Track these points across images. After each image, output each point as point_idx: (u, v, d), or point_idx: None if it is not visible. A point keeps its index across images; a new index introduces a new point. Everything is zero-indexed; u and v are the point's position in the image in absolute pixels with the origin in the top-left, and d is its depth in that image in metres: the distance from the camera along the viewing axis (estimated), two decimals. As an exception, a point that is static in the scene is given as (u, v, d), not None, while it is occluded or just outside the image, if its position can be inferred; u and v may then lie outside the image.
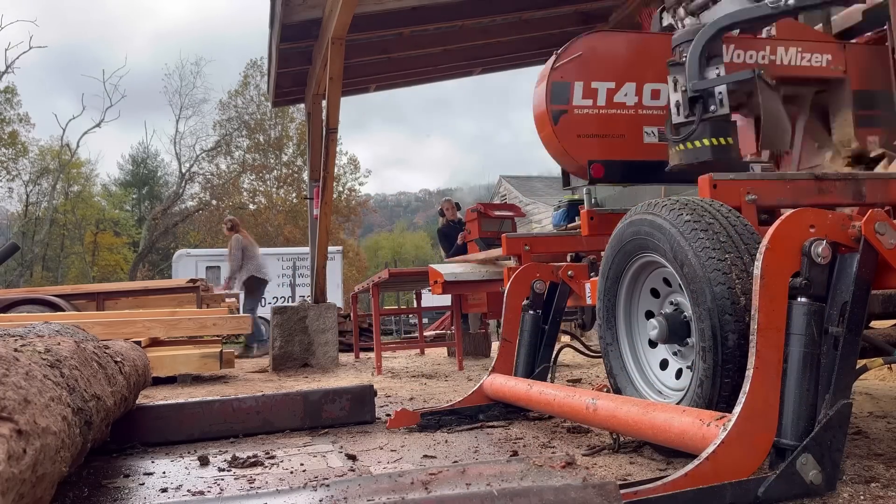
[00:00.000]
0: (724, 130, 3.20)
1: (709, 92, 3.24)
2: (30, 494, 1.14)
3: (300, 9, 6.57)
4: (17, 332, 2.60)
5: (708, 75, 3.27)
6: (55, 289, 8.55)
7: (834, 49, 3.82)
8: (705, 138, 3.19)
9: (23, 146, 32.40)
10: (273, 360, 6.93)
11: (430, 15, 7.56)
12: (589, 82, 3.76)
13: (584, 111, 3.73)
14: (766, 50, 3.63)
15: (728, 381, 1.97)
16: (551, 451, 2.48)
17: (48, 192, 33.64)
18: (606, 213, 3.68)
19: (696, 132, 3.19)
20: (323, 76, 7.09)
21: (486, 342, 7.95)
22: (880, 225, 1.76)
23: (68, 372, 1.73)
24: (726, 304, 1.96)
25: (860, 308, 1.74)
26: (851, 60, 3.85)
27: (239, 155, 34.67)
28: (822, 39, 3.89)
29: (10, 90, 31.28)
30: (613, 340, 2.64)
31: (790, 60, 3.71)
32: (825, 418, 1.66)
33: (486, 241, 7.35)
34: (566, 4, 8.08)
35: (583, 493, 1.44)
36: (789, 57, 3.72)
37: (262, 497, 1.61)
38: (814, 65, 3.79)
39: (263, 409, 3.07)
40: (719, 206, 2.17)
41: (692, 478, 1.60)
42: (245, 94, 34.03)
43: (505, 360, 3.32)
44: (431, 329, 12.66)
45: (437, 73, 9.54)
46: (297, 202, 31.93)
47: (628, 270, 2.55)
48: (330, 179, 6.91)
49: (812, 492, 1.63)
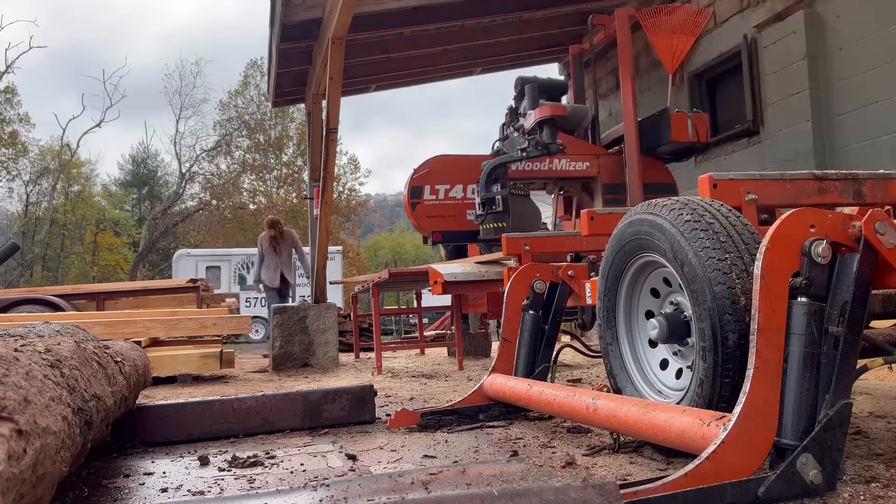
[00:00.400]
0: (500, 218, 5.95)
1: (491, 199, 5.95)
2: (30, 494, 1.14)
3: (300, 9, 6.57)
4: (17, 332, 2.60)
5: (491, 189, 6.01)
6: (55, 289, 8.55)
7: (591, 158, 6.80)
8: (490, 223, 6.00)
9: (23, 146, 32.40)
10: (273, 360, 6.93)
11: (430, 15, 7.56)
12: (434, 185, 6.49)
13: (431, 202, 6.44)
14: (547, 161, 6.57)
15: (728, 381, 1.97)
16: (551, 451, 2.48)
17: (48, 192, 33.65)
18: (606, 214, 3.69)
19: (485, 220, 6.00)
20: (323, 76, 7.09)
21: (486, 342, 7.94)
22: (880, 225, 1.75)
23: (68, 372, 1.73)
24: (726, 304, 1.96)
25: (860, 308, 1.74)
26: (602, 164, 6.80)
27: (239, 155, 34.68)
28: (586, 152, 6.84)
29: (10, 90, 31.29)
30: (613, 340, 2.63)
31: (563, 167, 6.70)
32: (825, 418, 1.66)
33: (486, 241, 7.35)
34: (566, 4, 8.09)
35: (583, 494, 1.44)
36: (563, 164, 6.69)
37: (262, 497, 1.61)
38: (578, 169, 6.77)
39: (263, 409, 3.07)
40: (720, 206, 2.17)
41: (692, 478, 1.60)
42: (245, 94, 34.04)
43: (505, 360, 3.32)
44: (431, 329, 12.65)
45: (437, 73, 9.55)
46: (297, 202, 31.93)
47: (628, 270, 2.55)
48: (330, 179, 6.91)
49: (812, 492, 1.63)
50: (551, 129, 6.08)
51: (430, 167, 6.47)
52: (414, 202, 6.37)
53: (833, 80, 5.87)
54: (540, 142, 6.05)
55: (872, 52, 5.48)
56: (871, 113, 5.52)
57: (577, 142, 6.79)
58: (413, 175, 6.42)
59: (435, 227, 6.36)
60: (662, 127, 6.61)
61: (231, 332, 6.45)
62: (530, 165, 6.43)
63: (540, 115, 6.10)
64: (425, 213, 6.38)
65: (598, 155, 6.75)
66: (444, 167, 6.49)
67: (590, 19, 7.35)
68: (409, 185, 6.41)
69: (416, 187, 6.40)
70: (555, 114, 6.07)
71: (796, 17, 6.06)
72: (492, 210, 5.89)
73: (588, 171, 6.69)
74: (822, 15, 5.96)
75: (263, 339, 18.38)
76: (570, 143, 6.56)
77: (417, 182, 6.43)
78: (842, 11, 5.77)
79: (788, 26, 6.14)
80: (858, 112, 5.64)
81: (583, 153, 6.72)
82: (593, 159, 6.71)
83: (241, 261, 20.58)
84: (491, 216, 5.91)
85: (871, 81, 5.51)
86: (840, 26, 5.79)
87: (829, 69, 5.90)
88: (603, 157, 6.75)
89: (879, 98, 5.46)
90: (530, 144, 6.08)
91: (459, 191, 6.45)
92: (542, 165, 6.49)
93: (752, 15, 6.61)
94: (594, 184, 6.82)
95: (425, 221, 6.38)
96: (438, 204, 6.43)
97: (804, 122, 6.01)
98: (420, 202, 6.38)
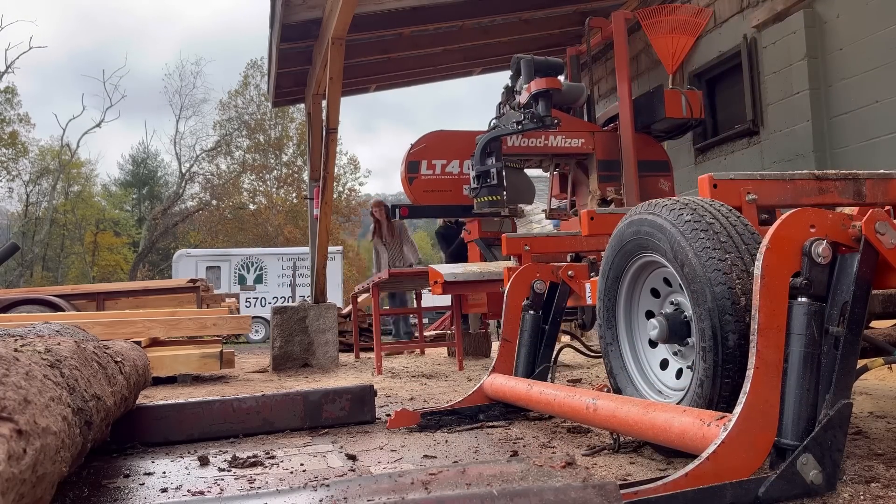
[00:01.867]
0: (495, 192, 5.96)
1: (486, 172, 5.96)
2: (30, 494, 1.14)
3: (300, 9, 6.57)
4: (17, 332, 2.60)
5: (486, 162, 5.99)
6: (55, 289, 8.55)
7: (586, 135, 6.77)
8: (485, 196, 5.99)
9: (23, 146, 32.41)
10: (273, 360, 6.93)
11: (430, 15, 7.56)
12: (430, 160, 6.48)
13: (428, 177, 6.47)
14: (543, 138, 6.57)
15: (728, 381, 1.97)
16: (551, 451, 2.48)
17: (48, 192, 33.66)
18: (606, 214, 3.69)
19: (480, 193, 6.00)
20: (323, 76, 7.09)
21: (486, 342, 7.94)
22: (881, 225, 1.75)
23: (68, 372, 1.72)
24: (727, 304, 1.96)
25: (861, 308, 1.74)
26: (597, 141, 6.78)
27: (239, 155, 34.69)
28: (581, 129, 6.79)
29: (10, 90, 31.30)
30: (613, 340, 2.63)
31: (559, 143, 6.66)
32: (826, 418, 1.66)
33: (486, 241, 7.35)
34: (566, 4, 8.09)
35: (583, 494, 1.44)
36: (558, 141, 6.64)
37: (263, 497, 1.61)
38: (573, 146, 6.72)
39: (263, 409, 3.07)
40: (720, 206, 2.17)
41: (692, 478, 1.60)
42: (245, 94, 34.04)
43: (505, 360, 3.32)
44: (431, 329, 12.65)
45: (437, 73, 9.55)
46: (297, 202, 31.94)
47: (628, 270, 2.55)
48: (330, 179, 6.91)
49: (812, 492, 1.63)
50: (546, 102, 6.01)
51: (426, 142, 6.46)
52: (411, 176, 6.38)
53: (833, 80, 5.87)
54: (535, 115, 5.97)
55: (872, 52, 5.48)
56: (871, 113, 5.52)
57: (573, 119, 6.79)
58: (410, 150, 6.43)
59: (431, 202, 6.43)
60: (656, 104, 6.63)
61: (231, 332, 6.44)
62: (526, 141, 6.44)
63: (536, 88, 6.04)
64: (422, 188, 6.39)
65: (593, 132, 6.75)
66: (441, 142, 6.49)
67: (587, 22, 7.39)
68: (406, 160, 6.42)
69: (412, 162, 6.39)
70: (550, 86, 6.02)
71: (796, 17, 6.06)
72: (486, 183, 5.89)
73: (583, 148, 6.69)
74: (822, 15, 5.96)
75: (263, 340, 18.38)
76: (565, 119, 6.55)
77: (414, 157, 6.41)
78: (842, 11, 5.77)
79: (788, 26, 6.14)
80: (858, 112, 5.64)
81: (578, 130, 6.70)
82: (588, 136, 6.70)
83: (241, 261, 20.59)
84: (486, 189, 5.90)
85: (871, 81, 5.51)
86: (840, 26, 5.79)
87: (829, 69, 5.90)
88: (598, 133, 6.77)
89: (879, 98, 5.46)
90: (525, 117, 6.01)
91: (456, 166, 6.47)
92: (538, 142, 6.50)
93: (752, 15, 6.61)
94: (589, 161, 6.82)
95: (422, 195, 6.40)
96: (435, 179, 6.44)
97: (804, 122, 6.01)
98: (417, 177, 6.38)
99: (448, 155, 6.50)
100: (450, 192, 6.48)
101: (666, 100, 6.56)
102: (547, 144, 6.56)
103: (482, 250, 6.90)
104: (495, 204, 5.94)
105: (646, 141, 6.92)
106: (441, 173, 6.48)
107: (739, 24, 6.80)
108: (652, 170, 6.87)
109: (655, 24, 7.48)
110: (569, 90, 6.76)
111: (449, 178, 6.49)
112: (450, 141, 6.55)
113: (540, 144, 6.52)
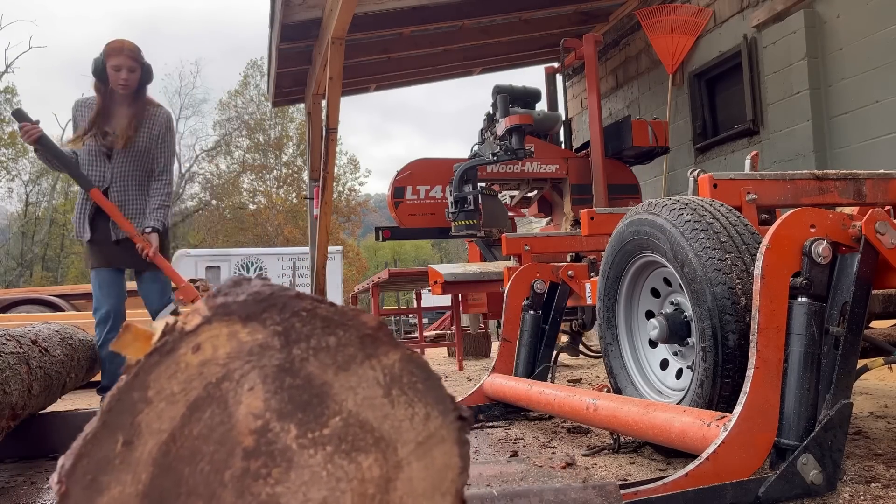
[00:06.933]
0: (471, 216, 6.35)
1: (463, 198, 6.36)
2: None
3: (300, 9, 6.57)
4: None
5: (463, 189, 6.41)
6: (55, 289, 8.55)
7: (560, 161, 7.22)
8: (461, 221, 6.39)
9: (23, 146, 32.38)
10: (273, 360, 6.91)
11: (430, 15, 7.56)
12: (415, 186, 6.94)
13: (413, 201, 6.90)
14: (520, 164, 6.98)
15: (728, 381, 1.97)
16: (551, 451, 2.48)
17: (48, 192, 33.65)
18: (606, 214, 3.69)
19: (458, 217, 6.37)
20: (323, 76, 7.09)
21: (486, 342, 7.94)
22: (881, 225, 1.75)
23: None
24: (727, 304, 1.96)
25: (861, 308, 1.74)
26: (571, 167, 7.25)
27: (239, 155, 34.64)
28: (556, 155, 7.25)
29: (10, 90, 31.29)
30: (613, 340, 2.63)
31: (534, 169, 7.11)
32: (826, 418, 1.66)
33: (486, 241, 7.37)
34: (566, 4, 8.09)
35: (583, 494, 1.44)
36: (534, 167, 7.10)
37: (262, 497, 1.60)
38: (548, 171, 7.18)
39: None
40: (720, 206, 2.17)
41: (693, 478, 1.60)
42: (245, 94, 34.02)
43: (505, 360, 3.32)
44: (431, 329, 12.65)
45: (437, 73, 9.55)
46: (297, 202, 31.92)
47: (628, 270, 2.54)
48: (330, 179, 6.92)
49: (812, 492, 1.63)
50: (520, 136, 6.53)
51: (411, 169, 6.94)
52: (397, 201, 6.86)
53: (833, 80, 5.87)
54: (509, 148, 6.50)
55: (872, 52, 5.48)
56: (871, 113, 5.52)
57: (548, 145, 7.26)
58: (396, 177, 6.91)
59: (415, 224, 6.92)
60: (624, 133, 7.09)
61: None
62: (504, 168, 6.95)
63: (509, 124, 6.53)
64: (407, 212, 6.85)
65: (566, 158, 7.26)
66: (425, 169, 6.97)
67: (561, 42, 7.70)
68: (392, 185, 6.92)
69: (399, 187, 6.87)
70: (522, 122, 6.53)
71: (796, 17, 6.05)
72: (464, 208, 6.35)
73: (557, 174, 7.19)
74: (822, 15, 5.96)
75: None
76: (540, 146, 7.04)
77: (400, 183, 6.88)
78: (842, 11, 5.77)
79: (788, 26, 6.13)
80: (858, 112, 5.64)
81: (553, 156, 7.20)
82: (562, 162, 7.21)
83: (241, 261, 20.57)
84: (463, 214, 6.36)
85: (871, 81, 5.51)
86: (840, 26, 5.79)
87: (829, 69, 5.90)
88: (571, 159, 7.28)
89: (879, 98, 5.46)
90: (501, 149, 6.56)
91: (439, 191, 6.93)
92: (515, 168, 7.00)
93: (752, 15, 6.61)
94: (563, 184, 7.31)
95: (407, 219, 6.87)
96: (419, 203, 6.89)
97: (804, 122, 6.01)
98: (402, 201, 6.85)
99: (431, 181, 6.96)
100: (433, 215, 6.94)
101: (633, 129, 7.00)
102: (523, 170, 7.06)
103: (482, 250, 6.92)
104: (472, 227, 6.43)
105: (616, 165, 7.32)
106: (425, 198, 6.95)
107: (739, 24, 6.80)
108: (622, 192, 7.25)
109: (655, 24, 7.48)
110: (544, 119, 7.25)
111: (432, 203, 6.96)
112: (433, 168, 7.00)
113: (517, 170, 7.03)
